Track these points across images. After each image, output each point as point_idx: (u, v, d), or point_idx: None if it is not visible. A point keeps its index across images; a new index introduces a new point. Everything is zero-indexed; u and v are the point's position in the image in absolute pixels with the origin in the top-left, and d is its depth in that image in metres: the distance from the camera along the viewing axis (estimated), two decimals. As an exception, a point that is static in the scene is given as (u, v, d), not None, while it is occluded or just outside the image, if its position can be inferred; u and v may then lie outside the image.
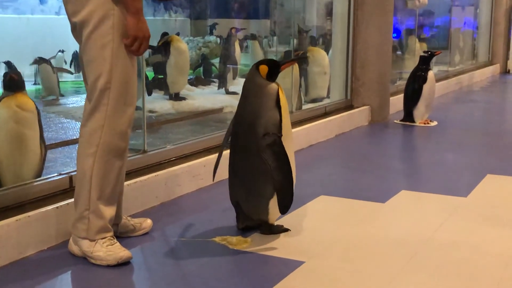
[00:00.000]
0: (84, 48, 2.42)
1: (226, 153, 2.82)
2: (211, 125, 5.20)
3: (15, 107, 2.90)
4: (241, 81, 6.02)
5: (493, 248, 2.65)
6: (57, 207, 2.64)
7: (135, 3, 2.35)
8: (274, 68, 2.70)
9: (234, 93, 6.31)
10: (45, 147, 3.07)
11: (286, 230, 2.82)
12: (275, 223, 2.84)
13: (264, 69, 2.67)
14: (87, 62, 2.42)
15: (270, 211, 2.74)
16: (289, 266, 2.43)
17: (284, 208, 2.66)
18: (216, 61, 7.47)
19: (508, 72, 11.16)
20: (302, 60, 5.62)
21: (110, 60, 2.37)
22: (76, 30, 2.43)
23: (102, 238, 2.45)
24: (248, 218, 2.79)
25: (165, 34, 6.22)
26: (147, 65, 6.09)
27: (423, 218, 3.05)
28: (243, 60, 7.32)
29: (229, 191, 2.83)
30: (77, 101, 5.74)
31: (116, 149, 2.44)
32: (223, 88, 6.61)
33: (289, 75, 5.16)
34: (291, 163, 2.69)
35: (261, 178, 2.67)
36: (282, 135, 2.63)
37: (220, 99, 6.18)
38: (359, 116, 5.60)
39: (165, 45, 5.96)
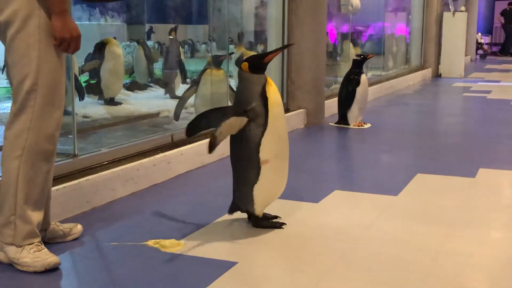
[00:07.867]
0: (9, 49, 2.34)
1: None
2: (146, 129, 5.14)
3: None
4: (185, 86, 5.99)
5: (422, 244, 2.72)
6: (-19, 214, 2.54)
7: (59, 3, 2.29)
8: (254, 61, 2.82)
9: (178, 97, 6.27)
10: None
11: (277, 226, 2.88)
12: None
13: (245, 65, 2.80)
14: (13, 63, 2.35)
15: (255, 200, 2.80)
16: (222, 267, 2.43)
17: None
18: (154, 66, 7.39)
19: (440, 76, 11.52)
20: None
21: (37, 61, 2.31)
22: (0, 30, 2.36)
23: (29, 244, 2.38)
24: (238, 207, 2.88)
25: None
26: (83, 71, 5.97)
27: (354, 217, 3.11)
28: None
29: None
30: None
31: (43, 152, 2.38)
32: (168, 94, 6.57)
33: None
34: (284, 153, 2.85)
35: (244, 163, 2.77)
36: (252, 119, 2.71)
37: (156, 103, 6.13)
38: (295, 119, 5.66)
39: (99, 49, 5.86)
